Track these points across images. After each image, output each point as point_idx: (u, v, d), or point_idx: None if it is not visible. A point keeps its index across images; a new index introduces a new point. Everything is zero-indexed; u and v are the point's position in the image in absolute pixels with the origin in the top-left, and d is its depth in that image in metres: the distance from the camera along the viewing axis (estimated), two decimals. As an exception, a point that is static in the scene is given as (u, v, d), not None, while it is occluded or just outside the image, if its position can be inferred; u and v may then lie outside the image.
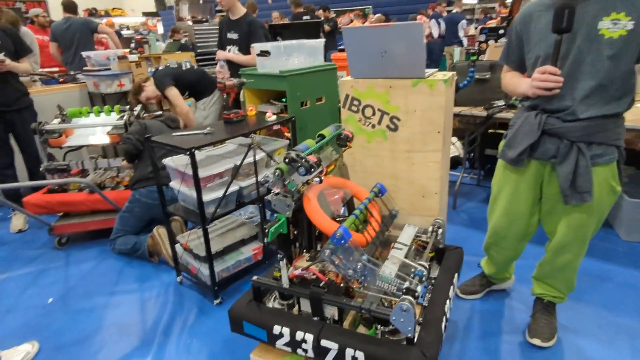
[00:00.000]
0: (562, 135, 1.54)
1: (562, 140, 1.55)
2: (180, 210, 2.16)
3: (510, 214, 1.80)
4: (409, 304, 1.26)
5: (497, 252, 1.96)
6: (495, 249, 1.95)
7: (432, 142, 1.95)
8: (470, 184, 3.53)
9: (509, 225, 1.82)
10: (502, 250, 1.93)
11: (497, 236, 1.90)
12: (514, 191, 1.76)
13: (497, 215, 1.86)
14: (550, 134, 1.58)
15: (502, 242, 1.90)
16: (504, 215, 1.82)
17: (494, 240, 1.93)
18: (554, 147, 1.58)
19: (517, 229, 1.82)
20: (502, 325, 1.93)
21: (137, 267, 2.61)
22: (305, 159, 1.39)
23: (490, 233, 1.93)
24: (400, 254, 1.54)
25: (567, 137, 1.53)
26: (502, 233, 1.87)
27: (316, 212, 1.48)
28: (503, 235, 1.87)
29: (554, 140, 1.58)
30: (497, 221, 1.86)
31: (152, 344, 1.93)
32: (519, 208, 1.77)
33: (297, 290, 1.49)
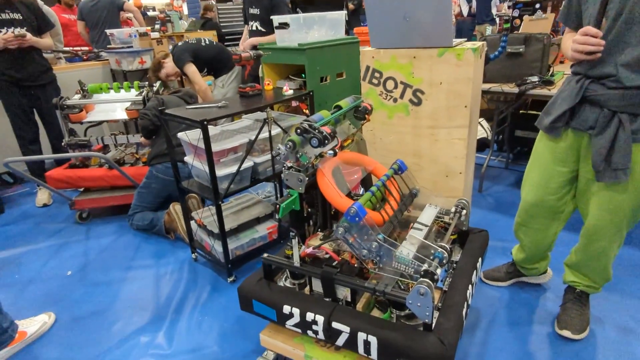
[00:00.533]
0: (604, 104, 1.40)
1: (602, 110, 1.41)
2: (195, 186, 2.11)
3: (541, 188, 1.66)
4: (426, 287, 1.17)
5: (525, 233, 1.81)
6: (524, 230, 1.81)
7: (458, 117, 1.82)
8: (499, 167, 3.35)
9: (540, 201, 1.68)
10: (531, 231, 1.78)
11: (526, 214, 1.76)
12: (548, 163, 1.63)
13: (527, 190, 1.72)
14: (590, 101, 1.44)
15: (531, 222, 1.75)
16: (535, 189, 1.68)
17: (523, 220, 1.78)
18: (593, 116, 1.44)
19: (547, 206, 1.67)
20: (530, 315, 1.81)
21: (154, 244, 2.60)
22: (318, 130, 1.30)
23: (519, 211, 1.80)
24: (419, 234, 1.44)
25: (609, 106, 1.39)
26: (532, 211, 1.73)
27: (330, 187, 1.39)
28: (532, 214, 1.73)
29: (594, 108, 1.44)
30: (527, 196, 1.73)
31: (165, 320, 1.91)
32: (551, 182, 1.63)
33: (309, 270, 1.41)
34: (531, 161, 1.73)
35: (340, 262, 1.40)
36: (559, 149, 1.59)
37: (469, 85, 1.75)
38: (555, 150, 1.61)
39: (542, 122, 1.61)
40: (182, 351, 1.72)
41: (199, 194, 2.02)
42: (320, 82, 2.64)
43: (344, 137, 1.62)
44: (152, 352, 1.73)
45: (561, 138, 1.57)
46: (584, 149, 1.52)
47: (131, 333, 1.84)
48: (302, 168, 1.40)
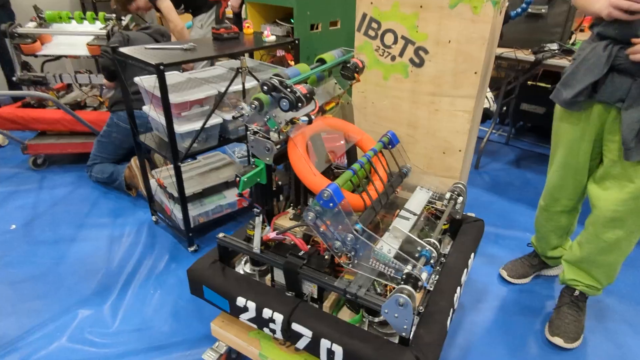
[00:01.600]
0: (637, 73, 1.19)
1: (635, 79, 1.21)
2: (153, 141, 1.82)
3: (565, 169, 1.49)
4: (407, 298, 0.95)
5: (546, 219, 1.65)
6: (545, 215, 1.64)
7: (465, 85, 1.53)
8: (498, 142, 3.10)
9: (564, 183, 1.52)
10: (553, 216, 1.62)
11: (550, 198, 1.60)
12: (571, 141, 1.43)
13: (552, 171, 1.55)
14: (620, 70, 1.23)
15: (554, 206, 1.59)
16: (559, 171, 1.51)
17: (546, 204, 1.62)
18: (623, 87, 1.23)
19: (572, 189, 1.52)
20: (517, 315, 1.63)
21: (113, 200, 2.35)
22: (290, 89, 1.01)
23: (544, 195, 1.63)
24: (405, 225, 1.21)
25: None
26: (556, 194, 1.56)
27: (302, 162, 1.13)
28: (556, 197, 1.57)
29: (624, 78, 1.23)
30: (551, 178, 1.57)
31: (112, 290, 1.70)
32: (576, 163, 1.45)
33: (269, 258, 1.18)
34: (553, 142, 1.55)
35: (308, 252, 1.17)
36: (580, 126, 1.38)
37: (483, 47, 1.45)
38: (576, 128, 1.40)
39: (560, 95, 1.38)
40: (126, 330, 1.52)
41: (156, 151, 1.74)
42: (310, 30, 2.29)
43: (327, 99, 1.34)
44: (91, 329, 1.52)
45: (583, 112, 1.37)
46: (610, 123, 1.32)
47: (72, 305, 1.62)
48: (270, 134, 1.13)
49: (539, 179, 2.56)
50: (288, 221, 1.32)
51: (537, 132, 3.20)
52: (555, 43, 2.29)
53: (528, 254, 1.80)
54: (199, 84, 1.78)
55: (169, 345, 1.46)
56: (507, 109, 3.09)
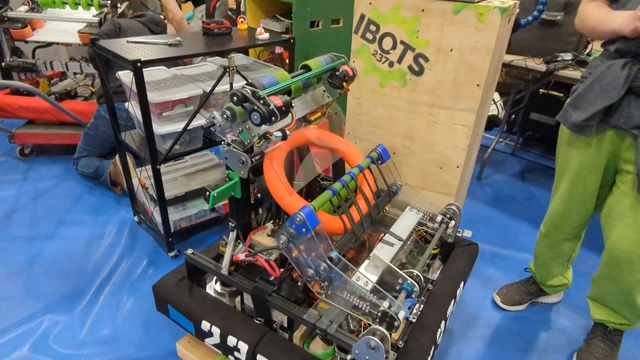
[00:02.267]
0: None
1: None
2: (136, 140, 1.73)
3: (571, 198, 1.37)
4: (378, 342, 0.85)
5: (547, 246, 1.53)
6: (546, 242, 1.53)
7: (466, 97, 1.41)
8: (504, 152, 2.97)
9: (569, 212, 1.40)
10: (554, 244, 1.50)
11: (552, 225, 1.48)
12: (579, 168, 1.31)
13: (557, 198, 1.43)
14: (638, 93, 1.10)
15: (556, 234, 1.48)
16: (564, 199, 1.39)
17: (548, 231, 1.50)
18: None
19: (577, 218, 1.40)
20: (510, 346, 1.52)
21: (98, 196, 2.27)
22: (264, 101, 0.91)
23: (546, 221, 1.51)
24: (388, 252, 1.11)
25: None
26: (559, 222, 1.45)
27: (275, 180, 1.03)
28: (559, 225, 1.45)
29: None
30: (555, 205, 1.44)
31: (83, 296, 1.62)
32: (583, 191, 1.34)
33: (237, 282, 1.09)
34: (559, 168, 1.43)
35: (280, 278, 1.07)
36: (590, 153, 1.25)
37: (487, 58, 1.33)
38: (585, 154, 1.27)
39: (569, 118, 1.25)
40: (93, 341, 1.44)
41: (135, 152, 1.65)
42: (310, 27, 2.18)
43: (314, 108, 1.23)
44: (56, 338, 1.44)
45: (594, 138, 1.24)
46: (624, 152, 1.19)
47: (39, 309, 1.55)
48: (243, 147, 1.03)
49: (544, 194, 2.43)
50: (265, 237, 1.23)
51: (545, 144, 3.06)
52: (569, 53, 2.15)
53: (525, 280, 1.69)
54: (185, 82, 1.68)
55: (137, 359, 1.38)
56: (516, 118, 2.95)
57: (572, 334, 1.57)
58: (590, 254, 1.94)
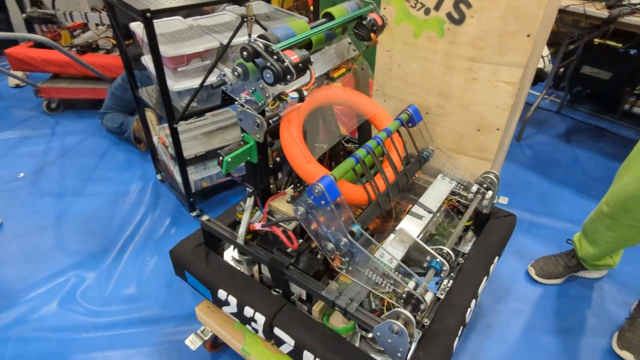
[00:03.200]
0: None
1: None
2: (154, 97, 1.66)
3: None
4: (402, 327, 0.78)
5: (610, 227, 1.33)
6: (610, 223, 1.33)
7: (513, 50, 1.23)
8: (549, 110, 2.72)
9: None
10: (620, 227, 1.30)
11: (620, 206, 1.27)
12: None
13: (631, 174, 1.22)
14: None
15: (625, 217, 1.27)
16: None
17: (613, 211, 1.30)
18: None
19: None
20: (580, 319, 1.43)
21: (123, 152, 2.26)
22: (278, 56, 0.79)
23: (610, 198, 1.31)
24: (416, 226, 1.01)
25: None
26: (630, 203, 1.23)
27: (292, 146, 0.94)
28: (630, 207, 1.24)
29: None
30: (628, 183, 1.23)
31: (109, 253, 1.64)
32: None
33: (254, 252, 1.03)
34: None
35: (297, 250, 1.01)
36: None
37: (542, 2, 1.14)
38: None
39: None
40: (117, 298, 1.47)
41: (152, 108, 1.58)
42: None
43: (338, 63, 1.10)
44: (84, 293, 1.48)
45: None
46: None
47: (67, 266, 1.58)
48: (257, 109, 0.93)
49: (591, 158, 2.22)
50: (285, 204, 1.16)
51: (596, 101, 2.78)
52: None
53: (565, 252, 1.56)
54: (201, 34, 1.56)
55: (159, 320, 1.40)
56: (565, 71, 2.66)
57: (613, 312, 1.46)
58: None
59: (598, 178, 2.06)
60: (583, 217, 1.49)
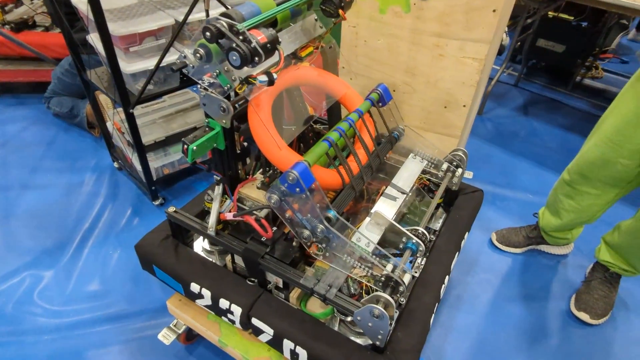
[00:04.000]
0: None
1: None
2: (103, 79, 1.54)
3: (614, 147, 1.17)
4: (382, 310, 0.79)
5: (570, 196, 1.37)
6: (570, 191, 1.36)
7: (480, 26, 1.23)
8: (507, 83, 2.79)
9: (606, 162, 1.20)
10: (580, 196, 1.34)
11: (580, 174, 1.30)
12: (633, 113, 1.11)
13: (593, 143, 1.24)
14: None
15: (585, 184, 1.30)
16: (603, 145, 1.19)
17: (574, 179, 1.33)
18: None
19: (614, 171, 1.21)
20: (544, 286, 1.52)
21: (74, 138, 2.10)
22: (244, 37, 0.74)
23: (573, 167, 1.34)
24: (390, 207, 1.01)
25: None
26: (590, 171, 1.26)
27: (262, 132, 0.89)
28: (590, 175, 1.27)
29: None
30: (589, 151, 1.25)
31: (66, 249, 1.54)
32: (629, 142, 1.14)
33: (226, 242, 1.00)
34: (611, 107, 1.22)
35: (272, 238, 0.98)
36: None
37: (508, -23, 1.13)
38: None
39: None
40: (80, 297, 1.39)
41: (104, 92, 1.47)
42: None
43: (305, 42, 1.05)
44: (42, 294, 1.38)
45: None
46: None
47: (19, 266, 1.47)
48: (223, 93, 0.88)
49: (547, 130, 2.32)
50: (255, 190, 1.12)
51: (550, 73, 2.88)
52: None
53: (528, 225, 1.63)
54: (153, 10, 1.44)
55: (126, 315, 1.34)
56: (522, 45, 2.73)
57: (569, 276, 1.55)
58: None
59: (555, 149, 2.15)
60: (542, 187, 1.56)
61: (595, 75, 2.87)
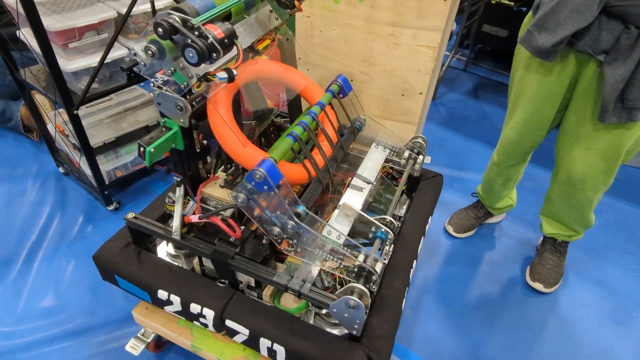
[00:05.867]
0: (630, 19, 0.97)
1: (626, 27, 0.99)
2: (40, 79, 1.42)
3: (526, 125, 1.31)
4: (358, 301, 0.80)
5: (497, 173, 1.52)
6: (497, 170, 1.51)
7: (432, 14, 1.26)
8: (456, 68, 2.89)
9: (522, 139, 1.35)
10: (506, 170, 1.49)
11: (504, 154, 1.44)
12: (537, 96, 1.23)
13: (509, 127, 1.37)
14: (611, 14, 1.00)
15: (509, 160, 1.45)
16: (518, 127, 1.33)
17: (500, 160, 1.47)
18: (611, 36, 1.01)
19: (529, 145, 1.37)
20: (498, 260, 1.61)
21: (10, 144, 1.93)
22: (199, 32, 0.70)
23: (499, 149, 1.47)
24: (358, 198, 1.02)
25: (637, 23, 0.97)
26: (511, 151, 1.41)
27: (224, 130, 0.86)
28: (511, 154, 1.42)
29: (614, 25, 1.00)
30: (508, 133, 1.38)
31: (12, 265, 1.43)
32: (540, 119, 1.27)
33: (193, 246, 0.96)
34: (514, 94, 1.32)
35: (241, 238, 0.96)
36: (551, 79, 1.18)
37: (456, -35, 1.16)
38: (545, 80, 1.19)
39: (534, 42, 1.10)
40: (33, 315, 1.29)
41: (43, 94, 1.35)
42: None
43: (260, 35, 1.02)
44: (-12, 317, 1.28)
45: (557, 64, 1.15)
46: (586, 79, 1.13)
47: (-41, 286, 1.35)
48: (179, 91, 0.84)
49: (496, 112, 2.44)
50: (218, 189, 1.08)
51: (495, 57, 3.01)
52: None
53: (473, 205, 1.72)
54: (92, 2, 1.34)
55: (88, 329, 1.27)
56: (469, 31, 2.82)
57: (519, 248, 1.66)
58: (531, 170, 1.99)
59: (502, 130, 2.27)
60: None
61: (535, 57, 3.04)
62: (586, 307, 1.45)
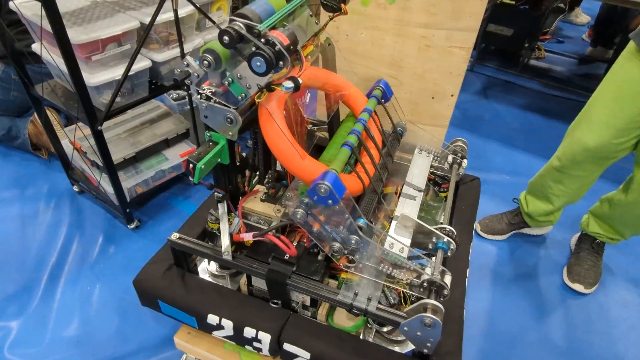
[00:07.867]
0: None
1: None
2: (58, 93, 1.35)
3: (610, 128, 1.20)
4: (435, 318, 0.75)
5: (560, 181, 1.40)
6: (560, 177, 1.39)
7: (467, 14, 1.23)
8: (462, 68, 2.87)
9: (602, 145, 1.23)
10: (570, 180, 1.37)
11: (572, 160, 1.32)
12: (634, 94, 1.14)
13: (588, 129, 1.25)
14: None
15: (575, 169, 1.34)
16: (600, 130, 1.22)
17: (564, 165, 1.35)
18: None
19: (606, 151, 1.24)
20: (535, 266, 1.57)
21: (18, 163, 1.85)
22: (266, 39, 0.65)
23: (563, 154, 1.35)
24: (412, 207, 0.98)
25: None
26: (582, 156, 1.29)
27: (281, 141, 0.81)
28: (581, 160, 1.30)
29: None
30: (585, 137, 1.26)
31: (34, 291, 1.35)
32: (627, 120, 1.17)
33: (246, 266, 0.91)
34: (603, 91, 1.23)
35: (297, 256, 0.91)
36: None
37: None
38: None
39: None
40: (61, 343, 1.22)
41: (64, 111, 1.29)
42: None
43: (305, 40, 0.98)
44: (13, 349, 1.20)
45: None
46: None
47: (-21, 317, 1.27)
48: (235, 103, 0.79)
49: (508, 111, 2.42)
50: (259, 204, 1.03)
51: (499, 56, 3.01)
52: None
53: (510, 211, 1.68)
54: (112, 12, 1.28)
55: (122, 357, 1.20)
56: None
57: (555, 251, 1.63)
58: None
59: (518, 129, 2.25)
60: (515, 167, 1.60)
61: (539, 56, 3.05)
62: (629, 307, 1.42)
